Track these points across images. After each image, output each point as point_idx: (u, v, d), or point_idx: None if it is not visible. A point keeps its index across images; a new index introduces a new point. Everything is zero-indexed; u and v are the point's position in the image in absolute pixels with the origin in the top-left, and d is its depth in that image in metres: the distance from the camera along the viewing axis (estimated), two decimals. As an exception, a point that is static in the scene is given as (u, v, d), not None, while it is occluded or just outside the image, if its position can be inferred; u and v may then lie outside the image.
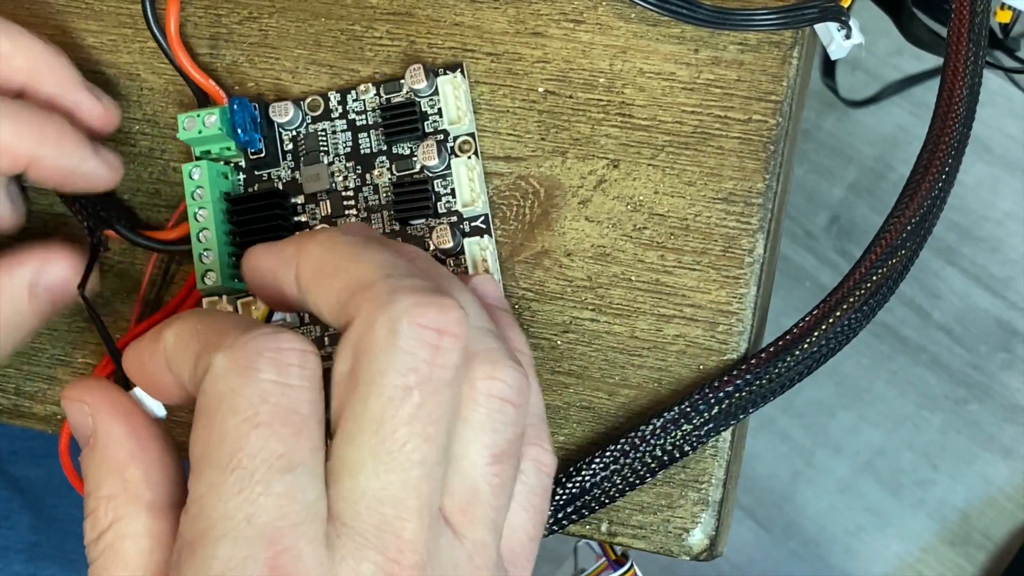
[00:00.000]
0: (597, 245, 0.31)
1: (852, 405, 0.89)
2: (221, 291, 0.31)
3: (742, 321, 0.31)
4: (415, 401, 0.23)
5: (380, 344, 0.23)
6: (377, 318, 0.23)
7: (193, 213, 0.31)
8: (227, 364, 0.23)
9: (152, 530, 0.25)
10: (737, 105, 0.31)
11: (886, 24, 0.57)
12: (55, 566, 0.51)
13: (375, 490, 0.23)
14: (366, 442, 0.23)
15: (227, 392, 0.23)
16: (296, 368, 0.23)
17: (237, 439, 0.23)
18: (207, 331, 0.25)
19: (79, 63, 0.34)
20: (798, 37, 0.31)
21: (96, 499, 0.26)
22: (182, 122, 0.31)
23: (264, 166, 0.32)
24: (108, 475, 0.26)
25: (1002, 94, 0.87)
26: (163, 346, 0.25)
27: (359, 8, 0.33)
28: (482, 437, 0.25)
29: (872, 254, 0.30)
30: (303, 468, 0.23)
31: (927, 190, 0.29)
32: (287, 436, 0.23)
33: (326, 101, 0.32)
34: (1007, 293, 0.88)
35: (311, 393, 0.23)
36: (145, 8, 0.32)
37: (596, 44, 0.32)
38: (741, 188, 0.31)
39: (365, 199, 0.32)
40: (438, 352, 0.24)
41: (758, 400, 0.29)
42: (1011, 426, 0.87)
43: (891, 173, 0.91)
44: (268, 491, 0.22)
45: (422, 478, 0.23)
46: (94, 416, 0.26)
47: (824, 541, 0.89)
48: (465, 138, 0.32)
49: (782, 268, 0.90)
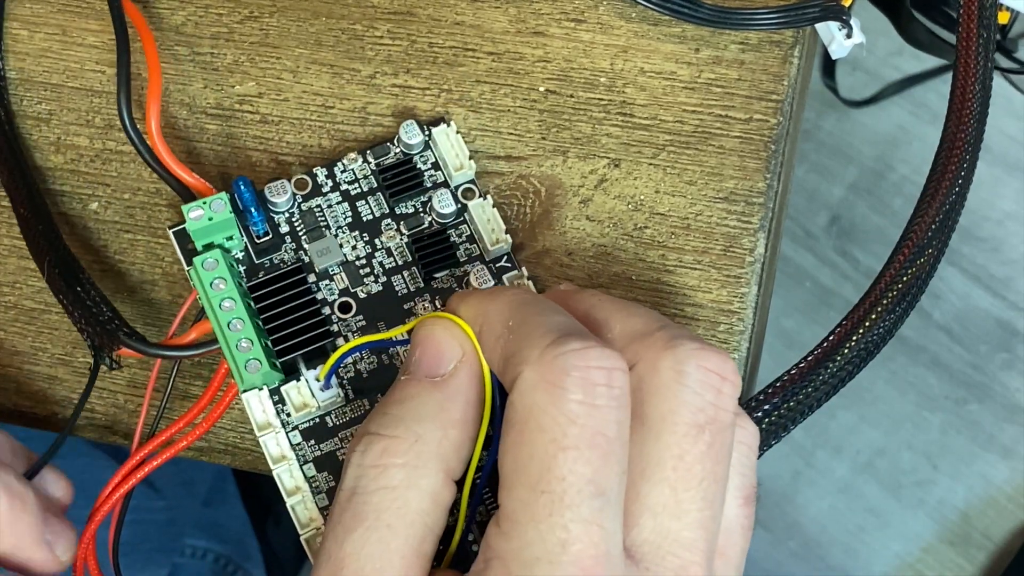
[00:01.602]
0: (598, 244, 0.31)
1: (852, 405, 0.89)
2: (262, 383, 0.29)
3: (743, 320, 0.30)
4: (707, 439, 0.24)
5: (668, 384, 0.24)
6: (663, 360, 0.24)
7: (218, 304, 0.29)
8: (534, 379, 0.23)
9: (437, 496, 0.24)
10: (738, 104, 0.31)
11: (886, 24, 0.57)
12: (55, 567, 0.51)
13: (676, 531, 0.23)
14: (667, 478, 0.23)
15: (535, 409, 0.23)
16: (604, 388, 0.23)
17: (545, 460, 0.22)
18: (519, 331, 0.24)
19: (79, 63, 0.34)
20: (799, 36, 0.31)
21: (407, 427, 0.25)
22: (188, 212, 0.29)
23: (265, 253, 0.31)
24: (435, 419, 0.25)
25: (1002, 94, 0.87)
26: (478, 329, 0.25)
27: (360, 7, 0.33)
28: (735, 479, 0.26)
29: (900, 256, 0.29)
30: (610, 494, 0.23)
31: (948, 187, 0.29)
32: (594, 459, 0.22)
33: (313, 178, 0.32)
34: (1007, 293, 0.88)
35: (618, 413, 0.23)
36: (121, 108, 0.31)
37: (597, 43, 0.32)
38: (742, 187, 0.31)
39: (381, 264, 0.31)
40: (721, 396, 0.24)
41: (800, 414, 0.29)
42: (1011, 426, 0.87)
43: (891, 173, 0.91)
44: (578, 516, 0.22)
45: (711, 519, 0.24)
46: (464, 362, 0.26)
47: (824, 541, 0.89)
48: (468, 186, 0.31)
49: (782, 268, 0.90)
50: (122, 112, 0.31)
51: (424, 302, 0.30)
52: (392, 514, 0.24)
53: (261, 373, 0.28)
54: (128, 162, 0.34)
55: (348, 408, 0.30)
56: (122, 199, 0.34)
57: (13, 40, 0.35)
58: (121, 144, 0.34)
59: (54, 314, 0.34)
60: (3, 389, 0.34)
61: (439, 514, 0.25)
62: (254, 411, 0.29)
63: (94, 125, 0.34)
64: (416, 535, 0.24)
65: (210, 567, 0.58)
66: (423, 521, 0.24)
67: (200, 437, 0.30)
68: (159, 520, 0.56)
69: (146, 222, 0.34)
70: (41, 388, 0.34)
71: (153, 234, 0.33)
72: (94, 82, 0.34)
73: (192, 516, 0.59)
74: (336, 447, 0.29)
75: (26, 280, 0.34)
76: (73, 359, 0.34)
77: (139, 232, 0.34)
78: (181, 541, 0.57)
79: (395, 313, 0.30)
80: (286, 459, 0.29)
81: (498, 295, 0.26)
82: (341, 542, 0.24)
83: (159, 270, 0.33)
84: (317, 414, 0.30)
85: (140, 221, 0.34)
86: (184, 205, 0.30)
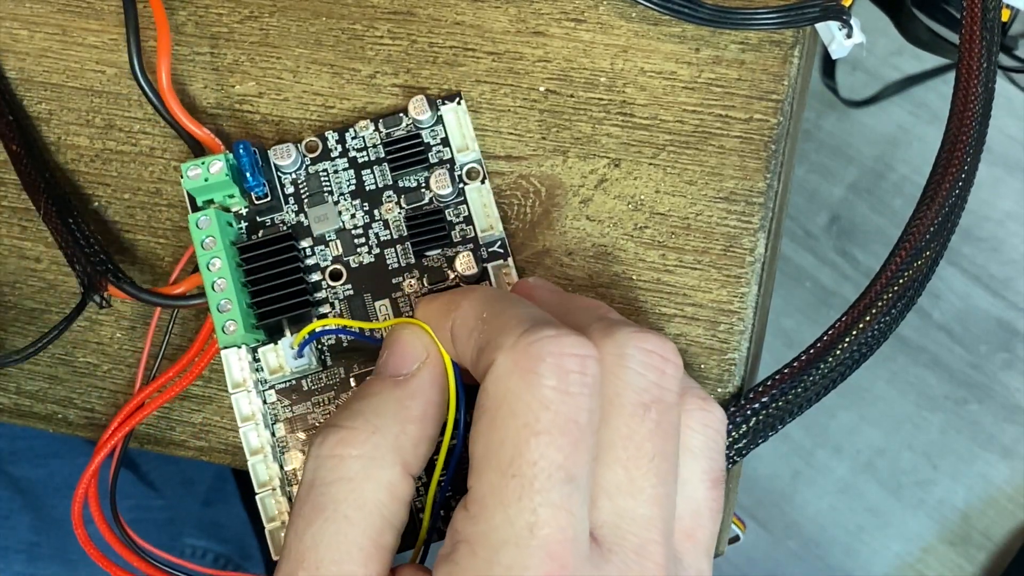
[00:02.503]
0: (598, 244, 0.31)
1: (852, 405, 0.89)
2: (241, 341, 0.30)
3: (743, 320, 0.31)
4: (654, 417, 0.24)
5: (612, 369, 0.24)
6: (604, 347, 0.24)
7: (206, 263, 0.30)
8: (508, 365, 0.23)
9: (394, 488, 0.25)
10: (738, 104, 0.31)
11: (886, 24, 0.57)
12: (55, 566, 0.51)
13: (632, 509, 0.23)
14: (619, 459, 0.24)
15: (508, 395, 0.23)
16: (577, 375, 0.23)
17: (517, 444, 0.23)
18: (492, 322, 0.25)
19: (79, 63, 0.35)
20: (799, 36, 0.31)
21: (366, 420, 0.25)
22: (186, 171, 0.30)
23: (267, 212, 0.32)
24: (394, 414, 0.25)
25: (1002, 94, 0.87)
26: (451, 324, 0.26)
27: (360, 7, 0.33)
28: (701, 462, 0.26)
29: (897, 257, 0.29)
30: (580, 480, 0.23)
31: (948, 189, 0.29)
32: (566, 445, 0.23)
33: (324, 142, 0.32)
34: (1007, 293, 0.88)
35: (590, 401, 0.23)
36: (132, 59, 0.31)
37: (597, 43, 0.32)
38: (742, 187, 0.31)
39: (376, 235, 0.31)
40: (664, 376, 0.24)
41: (791, 411, 0.29)
42: (1011, 426, 0.87)
43: (891, 173, 0.91)
44: (547, 501, 0.22)
45: (666, 496, 0.24)
46: (427, 364, 0.26)
47: (824, 541, 0.89)
48: (473, 165, 0.31)
49: (782, 268, 0.90)
50: (133, 64, 0.31)
51: (412, 278, 0.31)
52: (349, 505, 0.24)
53: (238, 334, 0.29)
54: (128, 162, 0.34)
55: (324, 374, 0.31)
56: (122, 199, 0.34)
57: (13, 40, 0.35)
58: (121, 144, 0.34)
59: (54, 314, 0.34)
60: (3, 389, 0.34)
61: (397, 507, 0.25)
62: (231, 368, 0.30)
63: (94, 125, 0.34)
64: (375, 526, 0.24)
65: (210, 567, 0.58)
66: (381, 513, 0.24)
67: (191, 383, 0.31)
68: (159, 519, 0.56)
69: (146, 222, 0.34)
70: (42, 387, 0.34)
71: (153, 234, 0.33)
72: (94, 82, 0.34)
73: (192, 516, 0.59)
74: (308, 411, 0.31)
75: (26, 280, 0.34)
76: (74, 359, 0.34)
77: (139, 232, 0.34)
78: (181, 541, 0.57)
79: (383, 286, 0.31)
80: (254, 420, 0.30)
81: (470, 292, 0.26)
82: (301, 535, 0.24)
83: (159, 270, 0.33)
84: (291, 378, 0.31)
85: (140, 221, 0.34)
86: (183, 163, 0.31)
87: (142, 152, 0.34)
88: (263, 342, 0.31)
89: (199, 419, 0.33)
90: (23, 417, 0.34)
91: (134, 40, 0.31)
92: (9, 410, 0.34)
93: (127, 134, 0.34)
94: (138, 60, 0.31)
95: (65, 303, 0.34)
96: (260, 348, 0.31)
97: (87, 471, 0.30)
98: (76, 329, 0.34)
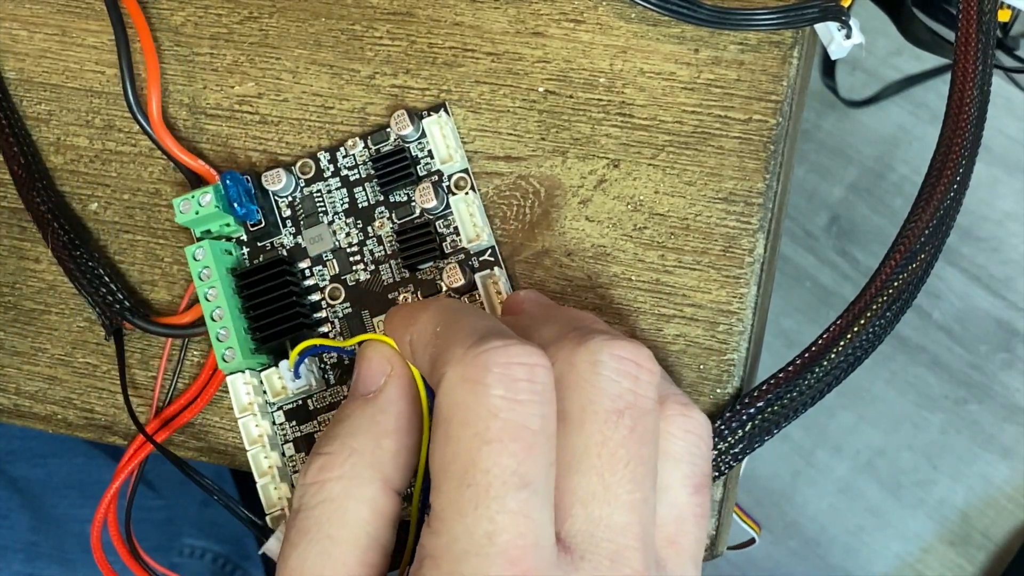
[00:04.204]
0: (597, 245, 0.31)
1: (852, 405, 0.89)
2: (243, 367, 0.31)
3: (742, 321, 0.31)
4: (628, 423, 0.24)
5: (585, 376, 0.24)
6: (577, 355, 0.24)
7: (203, 294, 0.31)
8: (457, 378, 0.23)
9: (376, 504, 0.25)
10: (737, 105, 0.31)
11: (886, 24, 0.57)
12: (54, 566, 0.51)
13: (607, 516, 0.23)
14: (593, 466, 0.23)
15: (458, 407, 0.23)
16: (526, 383, 0.23)
17: (469, 454, 0.23)
18: (444, 335, 0.25)
19: (79, 63, 0.35)
20: (798, 37, 0.31)
21: (342, 442, 0.25)
22: (178, 206, 0.31)
23: (266, 236, 0.32)
24: (367, 432, 0.25)
25: (1002, 94, 0.87)
26: (409, 338, 0.26)
27: (359, 8, 0.33)
28: (683, 468, 0.26)
29: (892, 260, 0.29)
30: (536, 485, 0.23)
31: (943, 193, 0.29)
32: (518, 451, 0.23)
33: (317, 163, 0.32)
34: (1007, 293, 0.88)
35: (541, 407, 0.23)
36: (127, 94, 0.32)
37: (596, 44, 0.32)
38: (741, 188, 0.31)
39: (371, 252, 0.32)
40: (638, 382, 0.24)
41: (788, 415, 0.29)
42: (1011, 426, 0.87)
43: (891, 173, 0.91)
44: (503, 508, 0.22)
45: (642, 502, 0.24)
46: (393, 376, 0.26)
47: (824, 541, 0.89)
48: (460, 175, 0.32)
49: (782, 268, 0.90)
50: (128, 99, 0.32)
51: (407, 292, 0.31)
52: (333, 525, 0.24)
53: (237, 361, 0.30)
54: (128, 162, 0.34)
55: (328, 393, 0.31)
56: (122, 199, 0.34)
57: (12, 41, 0.35)
58: (121, 144, 0.34)
59: (54, 314, 0.34)
60: (3, 389, 0.34)
61: (381, 524, 0.25)
62: (238, 393, 0.31)
63: (94, 125, 0.34)
64: (360, 545, 0.24)
65: (208, 567, 0.58)
66: (365, 531, 0.24)
67: (200, 410, 0.32)
68: (157, 519, 0.56)
69: (146, 222, 0.34)
70: (41, 388, 0.34)
71: (153, 234, 0.34)
72: (94, 82, 0.34)
73: (190, 516, 0.59)
74: (315, 429, 0.31)
75: (26, 280, 0.34)
76: (73, 359, 0.34)
77: (139, 232, 0.34)
78: (179, 541, 0.57)
79: (380, 302, 0.31)
80: (261, 443, 0.31)
81: (428, 305, 0.26)
82: (287, 558, 0.24)
83: (158, 271, 0.33)
84: (295, 398, 0.31)
85: (140, 221, 0.34)
86: (175, 199, 0.31)
87: (142, 152, 0.34)
88: (267, 365, 0.31)
89: (198, 420, 0.33)
90: (22, 417, 0.34)
91: (128, 74, 0.32)
92: (8, 410, 0.34)
93: (127, 134, 0.34)
94: (133, 95, 0.32)
95: (65, 303, 0.34)
96: (263, 372, 0.31)
97: (107, 494, 0.30)
98: (75, 330, 0.34)
